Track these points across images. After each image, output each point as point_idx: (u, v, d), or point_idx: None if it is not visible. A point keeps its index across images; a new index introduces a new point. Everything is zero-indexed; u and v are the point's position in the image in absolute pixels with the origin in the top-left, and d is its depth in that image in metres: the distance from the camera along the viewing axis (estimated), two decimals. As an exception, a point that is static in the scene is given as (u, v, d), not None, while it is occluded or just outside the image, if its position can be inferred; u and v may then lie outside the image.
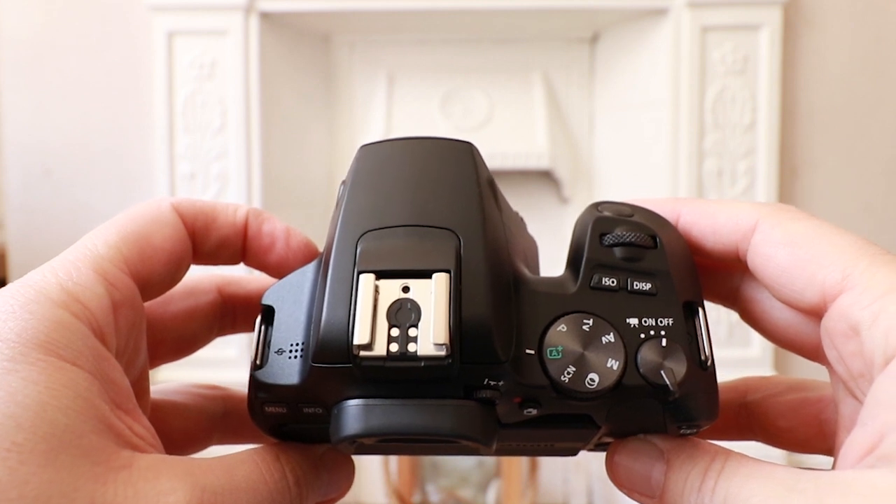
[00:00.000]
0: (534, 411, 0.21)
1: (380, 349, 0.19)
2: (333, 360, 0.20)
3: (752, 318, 0.26)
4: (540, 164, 1.21)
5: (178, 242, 0.24)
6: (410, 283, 0.20)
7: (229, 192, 1.13)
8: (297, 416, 0.22)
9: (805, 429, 0.25)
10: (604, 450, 0.24)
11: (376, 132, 1.23)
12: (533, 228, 0.29)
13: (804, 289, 0.21)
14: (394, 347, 0.19)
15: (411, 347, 0.19)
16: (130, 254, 0.22)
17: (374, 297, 0.20)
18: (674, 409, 0.21)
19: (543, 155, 1.21)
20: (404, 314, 0.20)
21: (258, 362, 0.22)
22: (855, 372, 0.21)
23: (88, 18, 1.16)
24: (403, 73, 1.27)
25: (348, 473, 0.25)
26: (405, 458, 1.14)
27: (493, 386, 0.20)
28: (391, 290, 0.20)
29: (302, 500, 0.23)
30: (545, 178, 1.26)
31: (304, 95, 1.24)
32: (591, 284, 0.22)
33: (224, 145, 1.13)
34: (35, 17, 1.16)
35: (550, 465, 1.20)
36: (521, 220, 0.27)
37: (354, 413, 0.20)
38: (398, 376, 0.20)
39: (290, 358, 0.22)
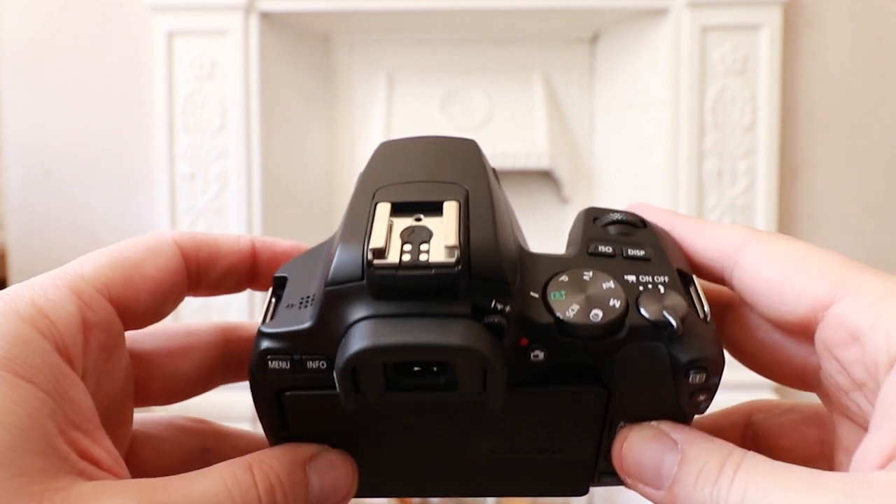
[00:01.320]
0: (540, 355, 0.21)
1: (393, 258, 0.20)
2: (348, 277, 0.20)
3: (736, 345, 0.26)
4: (540, 164, 1.21)
5: (169, 273, 0.24)
6: (423, 215, 0.21)
7: (229, 192, 1.13)
8: (299, 375, 0.22)
9: (806, 447, 0.25)
10: (613, 480, 0.24)
11: (376, 132, 1.23)
12: (533, 228, 0.30)
13: (794, 301, 0.22)
14: (406, 257, 0.20)
15: (423, 257, 0.20)
16: (115, 278, 0.22)
17: (388, 222, 0.21)
18: (679, 350, 0.21)
19: (543, 155, 1.21)
20: (417, 235, 0.21)
21: (266, 320, 0.22)
22: (858, 380, 0.20)
23: (88, 18, 1.16)
24: (403, 73, 1.27)
25: (347, 475, 0.24)
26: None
27: (500, 310, 0.20)
28: (405, 221, 0.21)
29: None
30: (545, 178, 1.26)
31: (304, 95, 1.24)
32: (589, 251, 0.23)
33: (224, 145, 1.13)
34: (35, 17, 1.16)
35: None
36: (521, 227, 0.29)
37: (363, 329, 0.20)
38: (409, 285, 0.20)
39: (300, 308, 0.22)
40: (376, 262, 0.20)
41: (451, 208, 0.21)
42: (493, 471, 0.25)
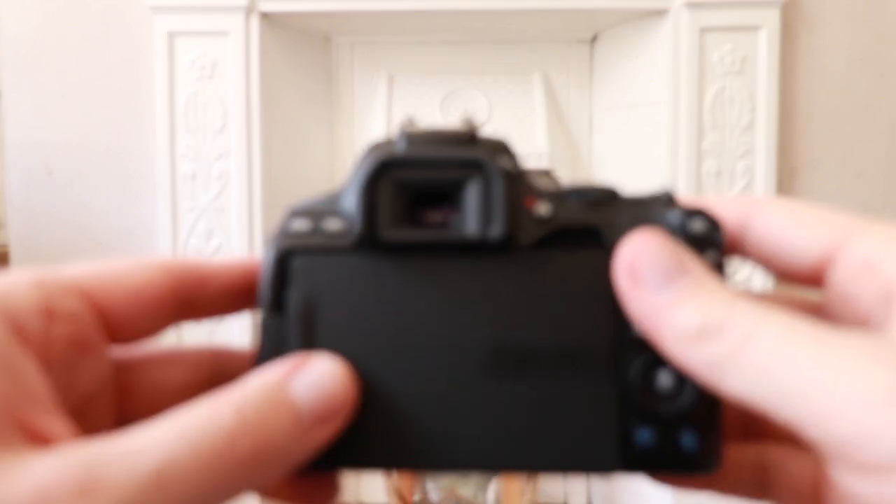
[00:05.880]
0: (546, 207, 0.24)
1: (419, 128, 0.24)
2: (383, 143, 0.24)
3: None
4: (540, 165, 1.21)
5: (147, 282, 0.24)
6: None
7: (230, 192, 1.13)
8: (315, 238, 0.23)
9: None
10: (643, 467, 0.23)
11: (377, 133, 1.24)
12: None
13: (808, 244, 0.23)
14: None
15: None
16: (89, 278, 0.22)
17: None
18: (672, 212, 0.24)
19: (543, 155, 1.21)
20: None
21: None
22: (863, 315, 0.22)
23: (88, 18, 1.16)
24: (403, 74, 1.27)
25: (339, 381, 0.22)
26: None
27: (505, 165, 0.24)
28: None
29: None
30: (545, 178, 1.26)
31: (305, 96, 1.25)
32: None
33: (225, 145, 1.13)
34: (35, 17, 1.17)
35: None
36: None
37: (389, 151, 0.23)
38: (432, 135, 0.24)
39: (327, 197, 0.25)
40: (407, 129, 0.24)
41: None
42: (498, 418, 0.23)
